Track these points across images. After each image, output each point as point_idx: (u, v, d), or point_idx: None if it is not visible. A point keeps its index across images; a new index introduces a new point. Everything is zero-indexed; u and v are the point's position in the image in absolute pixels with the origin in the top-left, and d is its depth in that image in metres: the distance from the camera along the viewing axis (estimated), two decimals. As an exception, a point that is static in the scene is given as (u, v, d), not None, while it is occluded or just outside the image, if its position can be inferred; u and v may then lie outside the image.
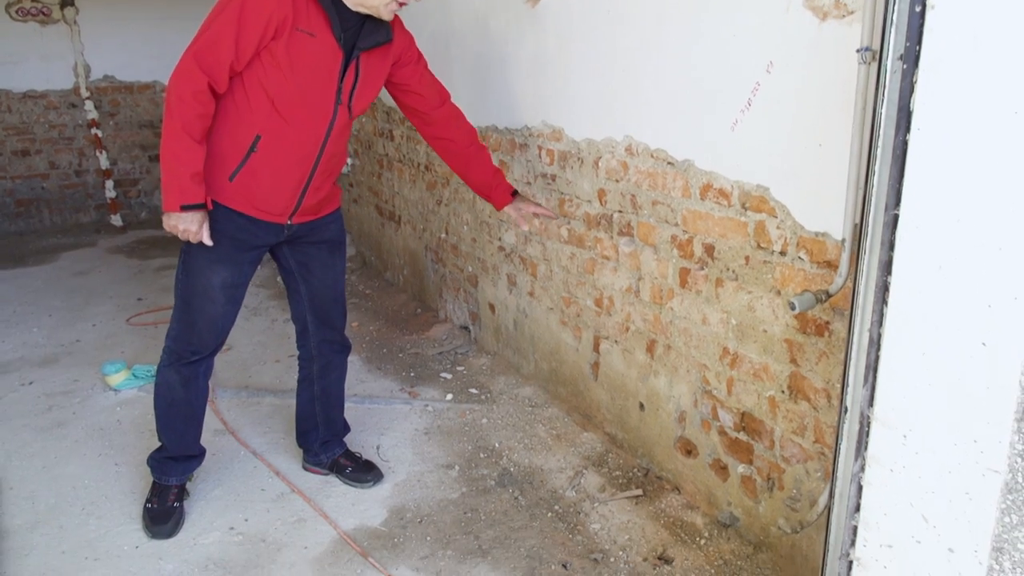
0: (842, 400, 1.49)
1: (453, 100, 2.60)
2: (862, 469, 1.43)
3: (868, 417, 1.40)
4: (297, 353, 2.73)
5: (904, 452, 1.33)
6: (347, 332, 4.09)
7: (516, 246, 3.37)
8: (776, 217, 2.04)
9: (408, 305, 4.53)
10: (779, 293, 2.07)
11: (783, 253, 2.04)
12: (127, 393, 3.44)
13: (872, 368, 1.39)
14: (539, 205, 2.72)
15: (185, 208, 2.13)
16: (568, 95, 2.82)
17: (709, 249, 2.29)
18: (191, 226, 2.16)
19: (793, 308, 1.79)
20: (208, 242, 2.21)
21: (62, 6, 6.34)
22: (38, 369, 3.75)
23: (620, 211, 2.65)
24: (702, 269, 2.33)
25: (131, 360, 3.74)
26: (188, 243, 2.27)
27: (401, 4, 2.19)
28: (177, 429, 2.49)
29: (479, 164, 2.65)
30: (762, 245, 2.10)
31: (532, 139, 3.10)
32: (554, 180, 3.00)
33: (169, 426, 2.48)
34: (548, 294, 3.19)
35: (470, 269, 3.84)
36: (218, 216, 2.25)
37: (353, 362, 3.73)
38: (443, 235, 4.07)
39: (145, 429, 3.07)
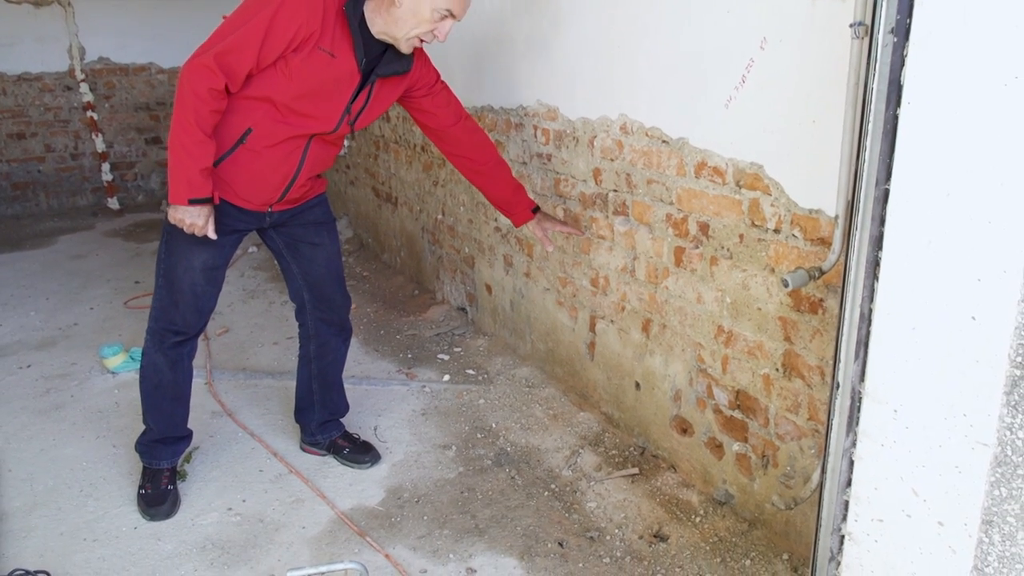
0: (834, 376, 1.49)
1: (447, 81, 2.57)
2: (853, 444, 1.43)
3: (859, 392, 1.41)
4: (297, 332, 2.74)
5: (895, 427, 1.33)
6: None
7: (512, 227, 3.36)
8: (770, 195, 2.03)
9: (405, 287, 4.53)
10: (773, 271, 2.07)
11: (777, 231, 2.03)
12: (125, 376, 3.44)
13: (863, 343, 1.39)
14: (564, 223, 2.73)
15: (193, 202, 2.11)
16: (563, 74, 2.81)
17: (704, 227, 2.29)
18: (198, 220, 2.15)
19: (786, 285, 1.79)
20: (213, 236, 2.20)
21: (55, -12, 6.30)
22: (36, 352, 3.76)
23: (615, 190, 2.65)
24: (697, 248, 2.33)
25: (129, 343, 3.74)
26: (171, 225, 2.25)
27: (422, 41, 2.19)
28: (165, 411, 2.49)
29: (498, 181, 2.64)
30: (756, 223, 2.10)
31: (527, 119, 3.09)
32: (550, 160, 2.99)
33: (156, 407, 2.49)
34: (544, 274, 3.19)
35: (467, 250, 3.83)
36: None
37: (351, 343, 3.73)
38: (440, 216, 4.06)
39: (143, 411, 3.08)
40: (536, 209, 2.69)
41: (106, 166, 6.85)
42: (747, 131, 2.07)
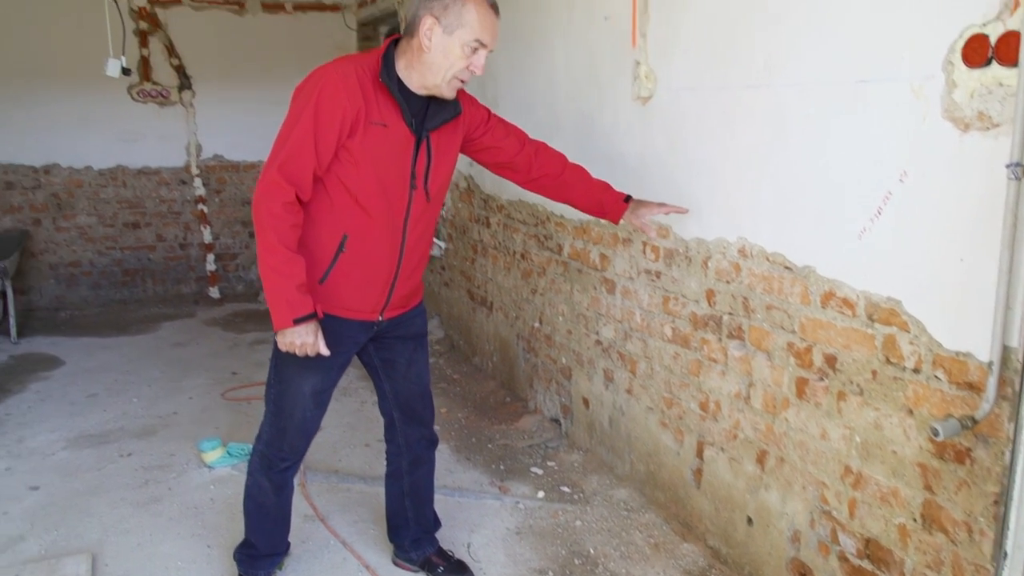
0: (1000, 543, 1.36)
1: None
2: (1031, 628, 1.29)
3: (1039, 570, 1.27)
4: (385, 446, 2.68)
5: (1086, 615, 1.19)
6: (436, 418, 4.07)
7: (615, 341, 3.30)
8: (909, 332, 1.93)
9: (497, 393, 4.48)
10: (911, 413, 1.94)
11: (916, 371, 1.92)
12: (221, 471, 3.46)
13: (1044, 516, 1.26)
14: (662, 204, 2.58)
15: (298, 321, 2.08)
16: (677, 193, 2.78)
17: (830, 360, 2.18)
18: (307, 338, 2.11)
19: (936, 435, 1.67)
20: (326, 352, 2.16)
21: (180, 89, 6.72)
22: (136, 440, 3.83)
23: (730, 313, 2.57)
24: (822, 380, 2.22)
25: (226, 436, 3.78)
26: (278, 351, 2.23)
27: (463, 81, 2.15)
28: (267, 530, 2.47)
29: (580, 185, 2.56)
30: (892, 360, 1.99)
31: (636, 234, 3.07)
32: (658, 277, 2.95)
33: (259, 527, 2.46)
34: (648, 393, 3.10)
35: (564, 361, 3.78)
36: None
37: (442, 451, 3.66)
38: (536, 324, 4.04)
39: (237, 511, 3.04)
40: (628, 198, 2.57)
41: (211, 256, 7.12)
42: (883, 264, 1.99)
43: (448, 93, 2.15)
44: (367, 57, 2.15)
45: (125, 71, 4.29)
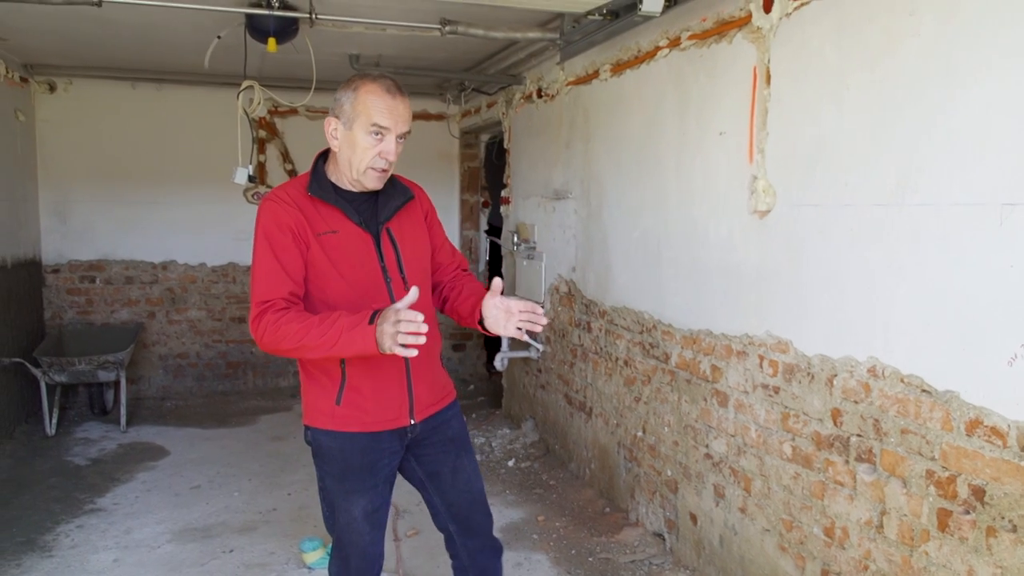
0: None
1: (663, 304, 2.52)
2: None
3: None
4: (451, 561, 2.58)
5: None
6: (533, 526, 3.99)
7: (727, 456, 3.19)
8: (1071, 467, 1.81)
9: (595, 502, 4.37)
10: (1077, 556, 1.80)
11: (1082, 510, 1.78)
12: (320, 572, 3.44)
13: None
14: (522, 299, 2.26)
15: (371, 323, 1.96)
16: (798, 308, 2.73)
17: (978, 492, 2.05)
18: (389, 328, 1.92)
19: (1118, 586, 1.53)
20: (419, 317, 1.92)
21: (290, 192, 7.07)
22: (238, 536, 3.86)
23: (859, 435, 2.46)
24: (968, 513, 2.08)
25: (326, 537, 3.76)
26: (321, 479, 2.23)
27: (382, 171, 2.18)
28: None
29: (469, 287, 2.43)
30: (1052, 497, 1.85)
31: (752, 348, 3.00)
32: (777, 392, 2.86)
33: None
34: (764, 513, 2.96)
35: (669, 473, 3.67)
36: (337, 444, 2.22)
37: (541, 562, 3.60)
38: (639, 433, 3.95)
39: (338, 616, 3.03)
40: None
41: (309, 351, 7.31)
42: (1038, 393, 1.88)
43: (371, 183, 2.20)
44: (301, 177, 2.26)
45: (251, 178, 4.54)
